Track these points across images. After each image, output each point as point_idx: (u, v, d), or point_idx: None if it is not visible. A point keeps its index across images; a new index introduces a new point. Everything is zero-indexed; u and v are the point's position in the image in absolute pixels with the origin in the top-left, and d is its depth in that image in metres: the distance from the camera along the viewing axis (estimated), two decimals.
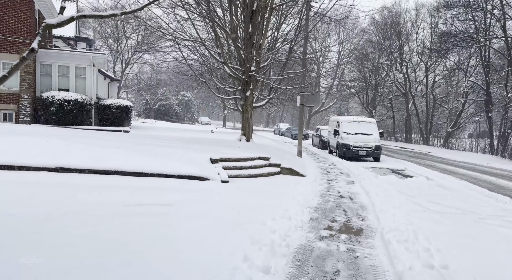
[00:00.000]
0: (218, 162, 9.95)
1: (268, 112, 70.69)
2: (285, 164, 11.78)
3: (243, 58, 14.17)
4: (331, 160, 18.66)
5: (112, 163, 8.23)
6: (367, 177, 12.45)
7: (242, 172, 10.06)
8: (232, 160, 10.52)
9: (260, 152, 12.70)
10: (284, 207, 6.64)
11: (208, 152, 10.77)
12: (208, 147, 12.20)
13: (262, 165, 10.97)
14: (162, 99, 51.84)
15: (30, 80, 17.76)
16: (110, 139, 11.88)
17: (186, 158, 9.80)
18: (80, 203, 5.54)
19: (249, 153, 11.56)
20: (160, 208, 5.73)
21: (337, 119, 21.21)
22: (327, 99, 55.45)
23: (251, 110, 14.89)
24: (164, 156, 9.65)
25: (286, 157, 14.03)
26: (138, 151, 10.00)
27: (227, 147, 12.78)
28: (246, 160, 10.87)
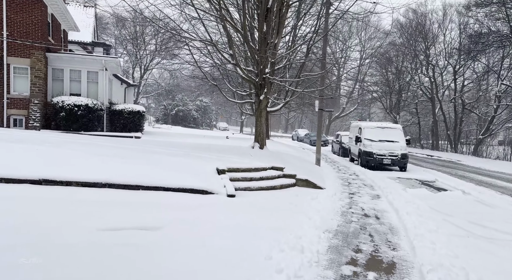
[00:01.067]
0: (225, 173, 8.90)
1: (286, 117, 69.50)
2: (301, 174, 10.61)
3: (257, 59, 13.15)
4: (352, 169, 17.32)
5: (104, 174, 7.31)
6: (394, 189, 11.12)
7: (252, 184, 8.97)
8: (241, 170, 9.46)
9: (274, 160, 11.59)
10: (297, 231, 5.50)
11: (216, 161, 9.77)
12: (218, 155, 11.21)
13: (274, 176, 9.85)
14: (180, 105, 51.50)
15: (40, 85, 17.31)
16: (113, 146, 11.05)
17: (190, 168, 8.81)
18: (45, 226, 4.59)
19: (261, 162, 10.46)
20: (143, 235, 4.71)
21: (359, 125, 19.86)
22: (347, 104, 53.84)
23: (265, 115, 13.81)
24: (166, 166, 8.70)
25: (302, 166, 12.86)
26: (139, 159, 9.10)
27: (238, 155, 11.75)
28: (257, 170, 9.78)
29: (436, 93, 35.69)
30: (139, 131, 20.45)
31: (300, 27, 14.27)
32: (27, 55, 17.15)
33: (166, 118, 52.88)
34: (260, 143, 13.70)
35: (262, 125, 13.69)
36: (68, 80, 18.91)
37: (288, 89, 14.32)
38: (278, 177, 9.99)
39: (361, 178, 14.17)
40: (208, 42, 12.16)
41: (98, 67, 19.22)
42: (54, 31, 19.86)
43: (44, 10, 17.47)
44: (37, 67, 17.22)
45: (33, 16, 17.03)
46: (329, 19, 14.11)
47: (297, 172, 10.87)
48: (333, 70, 38.37)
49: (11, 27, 16.77)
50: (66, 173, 7.07)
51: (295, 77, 14.80)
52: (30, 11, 16.97)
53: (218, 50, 12.39)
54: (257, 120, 13.74)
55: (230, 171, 9.22)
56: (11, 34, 16.76)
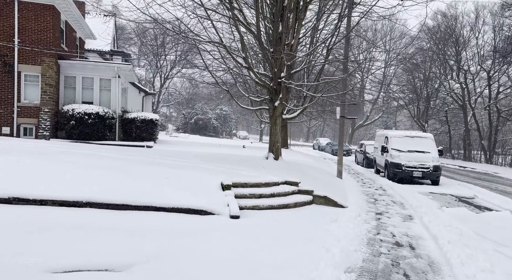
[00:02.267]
0: (230, 188, 7.75)
1: (308, 126, 67.98)
2: (319, 189, 9.31)
3: (271, 62, 12.04)
4: (378, 182, 15.80)
5: (88, 191, 6.32)
6: (428, 208, 9.64)
7: (261, 201, 7.77)
8: (249, 186, 8.27)
9: (289, 173, 10.36)
10: (309, 271, 4.25)
11: (222, 174, 8.65)
12: (227, 167, 10.09)
13: (288, 192, 8.60)
14: (199, 114, 51.03)
15: (51, 92, 16.82)
16: (115, 157, 10.14)
17: (191, 183, 7.72)
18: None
19: (274, 175, 9.25)
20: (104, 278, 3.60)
21: (385, 134, 18.31)
22: (372, 112, 51.84)
23: (281, 123, 12.62)
24: (165, 180, 7.65)
25: (321, 179, 11.54)
26: (137, 172, 8.10)
27: (250, 167, 10.59)
28: (268, 186, 8.57)
29: (468, 101, 33.47)
30: (152, 140, 19.67)
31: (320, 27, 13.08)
32: (38, 62, 16.73)
33: (185, 127, 52.51)
34: (275, 153, 12.50)
35: (277, 134, 12.50)
36: (80, 88, 18.41)
37: (306, 95, 13.08)
38: (292, 193, 8.74)
39: (389, 193, 12.69)
40: (218, 43, 11.16)
41: (111, 74, 18.65)
42: (68, 39, 19.48)
43: (56, 17, 17.06)
44: (48, 75, 16.76)
45: (45, 22, 16.63)
46: (352, 18, 12.87)
47: (315, 186, 9.59)
48: (356, 75, 36.67)
49: (22, 34, 16.40)
50: (43, 190, 6.12)
51: (314, 81, 13.54)
52: (42, 18, 16.57)
53: (229, 52, 11.37)
54: (271, 129, 12.57)
55: (236, 186, 8.06)
56: (23, 41, 16.40)
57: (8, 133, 16.39)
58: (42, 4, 16.43)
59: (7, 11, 16.13)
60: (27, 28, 16.44)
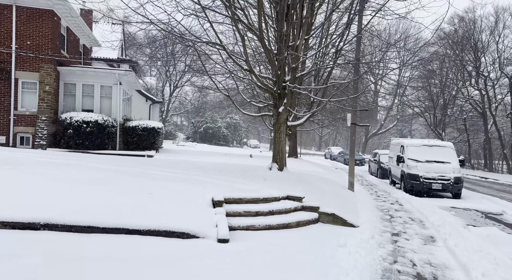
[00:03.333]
0: (222, 205, 6.72)
1: (320, 135, 66.66)
2: (327, 205, 8.20)
3: (275, 64, 11.07)
4: (394, 195, 14.54)
5: (52, 210, 5.40)
6: (453, 227, 8.42)
7: (258, 220, 6.71)
8: (244, 201, 7.22)
9: (293, 185, 9.30)
10: None
11: (216, 188, 7.65)
12: (224, 179, 9.09)
13: (290, 208, 7.52)
14: (208, 122, 50.35)
15: (49, 100, 16.19)
16: (104, 168, 9.26)
17: (177, 198, 6.74)
18: None
19: (275, 189, 8.19)
20: None
21: (401, 143, 17.06)
22: (386, 121, 50.30)
23: (285, 130, 11.58)
24: (148, 195, 6.70)
25: (331, 192, 10.42)
26: (121, 186, 7.17)
27: (251, 179, 9.56)
28: (266, 201, 7.50)
29: (488, 108, 31.82)
30: (154, 149, 18.85)
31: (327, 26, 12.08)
32: (36, 69, 16.16)
33: (195, 136, 51.87)
34: (279, 163, 11.43)
35: (282, 142, 11.45)
36: (81, 95, 17.79)
37: (313, 100, 12.04)
38: (294, 210, 7.64)
39: (406, 208, 11.45)
40: (216, 44, 10.26)
41: (112, 81, 17.99)
42: (70, 45, 18.95)
43: (56, 22, 16.51)
44: (46, 82, 16.15)
45: (44, 28, 16.08)
46: (364, 17, 11.86)
47: (322, 201, 8.48)
48: (370, 79, 35.34)
49: (20, 40, 15.88)
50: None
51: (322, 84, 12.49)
52: (41, 23, 16.04)
53: (229, 54, 10.44)
54: (275, 137, 11.54)
55: (229, 202, 7.02)
56: (20, 47, 15.87)
57: (4, 142, 15.78)
58: (40, 9, 15.91)
59: (5, 16, 15.65)
60: (25, 34, 15.92)
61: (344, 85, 13.36)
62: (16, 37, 15.82)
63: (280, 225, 6.85)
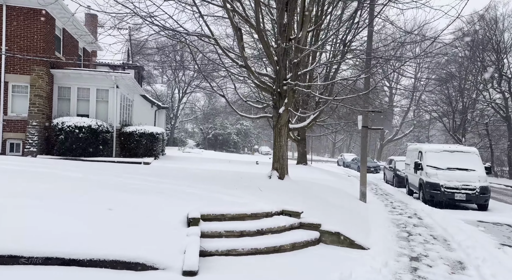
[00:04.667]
0: (197, 223, 5.45)
1: (333, 141, 64.93)
2: (331, 221, 6.84)
3: (274, 60, 9.84)
4: (411, 206, 13.00)
5: None
6: (485, 249, 6.94)
7: (242, 243, 5.41)
8: (227, 218, 5.93)
9: (293, 197, 7.98)
10: None
11: (198, 200, 6.41)
12: (213, 189, 7.83)
13: (284, 226, 6.18)
14: (217, 128, 49.35)
15: (40, 104, 15.31)
16: (76, 177, 8.15)
17: (144, 216, 5.51)
18: None
19: (269, 202, 6.88)
20: None
21: (419, 148, 15.52)
22: (402, 126, 48.32)
23: (286, 134, 10.28)
24: (104, 212, 5.49)
25: (338, 205, 9.04)
26: (79, 201, 5.98)
27: (244, 189, 8.28)
28: (255, 217, 6.19)
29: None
30: (153, 156, 17.76)
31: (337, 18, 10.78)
32: (27, 71, 15.34)
33: (205, 143, 50.89)
34: (280, 171, 10.12)
35: (283, 147, 10.15)
36: (76, 100, 16.90)
37: (318, 100, 10.71)
38: (290, 228, 6.30)
39: (426, 222, 9.95)
40: (204, 36, 9.09)
41: (108, 84, 17.07)
42: (67, 48, 18.15)
43: (49, 23, 15.71)
44: (37, 85, 15.30)
45: (36, 28, 15.27)
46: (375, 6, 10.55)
47: (326, 216, 7.14)
48: (381, 73, 33.45)
49: (10, 41, 15.11)
50: None
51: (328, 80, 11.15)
52: (33, 23, 15.24)
53: (222, 48, 9.27)
54: (275, 141, 10.25)
55: (208, 219, 5.75)
56: (10, 48, 15.09)
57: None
58: (32, 8, 15.13)
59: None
60: (15, 35, 15.15)
61: (353, 83, 12.01)
62: (6, 38, 15.06)
63: (270, 249, 5.53)
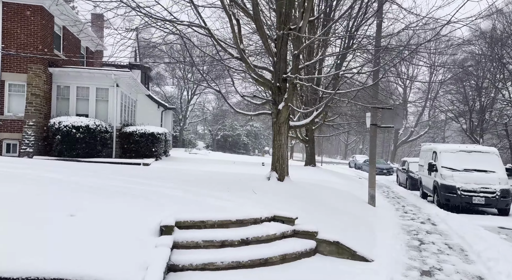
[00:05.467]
0: (171, 232, 4.71)
1: (345, 142, 63.65)
2: (330, 229, 6.01)
3: (273, 52, 9.07)
4: (425, 210, 12.02)
5: None
6: (509, 261, 6.02)
7: (222, 254, 4.64)
8: (208, 225, 5.17)
9: (291, 200, 7.19)
10: None
11: (179, 205, 5.70)
12: (201, 192, 7.10)
13: (274, 235, 5.38)
14: (225, 130, 48.75)
15: (38, 103, 14.88)
16: (57, 178, 7.54)
17: (111, 222, 4.81)
18: None
19: (260, 206, 6.11)
20: None
21: (434, 148, 14.51)
22: (417, 127, 46.85)
23: (287, 132, 9.48)
24: (64, 219, 4.82)
25: (342, 209, 8.19)
26: (38, 207, 5.34)
27: (237, 192, 7.53)
28: (242, 224, 5.40)
29: None
30: (154, 157, 17.17)
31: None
32: (24, 70, 14.95)
33: (216, 144, 50.36)
34: (279, 172, 9.31)
35: (282, 146, 9.35)
36: (75, 99, 16.45)
37: (322, 96, 9.88)
38: (282, 236, 5.50)
39: (441, 229, 9.00)
40: (195, 25, 8.39)
41: (108, 83, 16.59)
42: (68, 46, 17.73)
43: (47, 20, 15.29)
44: (34, 83, 14.87)
45: (33, 25, 14.87)
46: None
47: (327, 222, 6.33)
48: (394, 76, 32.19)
49: (7, 39, 14.74)
50: None
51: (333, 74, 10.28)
52: (30, 20, 14.85)
53: (215, 38, 8.55)
54: (274, 139, 9.46)
55: (186, 227, 5.00)
56: (7, 46, 14.71)
57: None
58: (29, 5, 14.73)
59: None
60: (12, 32, 14.77)
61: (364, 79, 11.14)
62: (3, 36, 14.69)
63: (255, 261, 4.74)
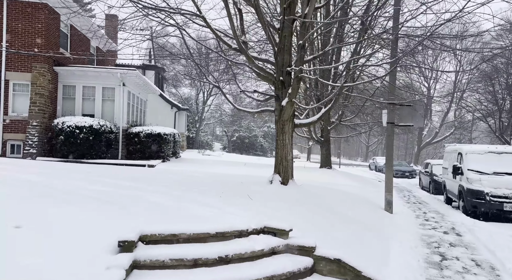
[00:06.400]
0: (132, 249, 3.90)
1: (366, 144, 61.78)
2: (331, 244, 5.08)
3: (274, 41, 8.20)
4: (449, 218, 10.82)
5: None
6: None
7: (193, 277, 3.80)
8: (182, 239, 4.30)
9: (292, 207, 6.29)
10: None
11: (159, 213, 4.94)
12: (189, 197, 6.32)
13: (261, 251, 4.47)
14: (242, 131, 48.06)
15: (42, 103, 14.54)
16: (33, 181, 6.95)
17: (61, 237, 4.08)
18: None
19: (246, 215, 5.25)
20: None
21: (459, 149, 13.22)
22: (442, 128, 44.78)
23: (291, 130, 8.57)
24: (5, 232, 4.12)
25: (352, 217, 7.21)
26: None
27: (231, 197, 6.70)
28: (223, 238, 4.50)
29: None
30: (160, 158, 16.59)
31: None
32: (28, 69, 14.65)
33: (233, 146, 49.74)
34: (283, 175, 8.41)
35: (286, 146, 8.44)
36: (81, 99, 16.08)
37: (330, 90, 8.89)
38: (271, 252, 4.60)
39: (467, 240, 7.87)
40: (189, 13, 7.62)
41: (114, 82, 16.13)
42: (76, 45, 17.40)
43: (52, 18, 14.96)
44: (38, 83, 14.54)
45: (37, 23, 14.56)
46: None
47: (330, 233, 5.40)
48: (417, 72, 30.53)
49: (11, 37, 14.47)
50: None
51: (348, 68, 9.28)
52: (34, 18, 14.55)
53: (212, 29, 7.77)
54: (277, 139, 8.57)
55: (153, 242, 4.18)
56: (11, 45, 14.46)
57: None
58: (34, 2, 14.42)
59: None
60: (16, 30, 14.49)
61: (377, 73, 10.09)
62: (7, 34, 14.44)
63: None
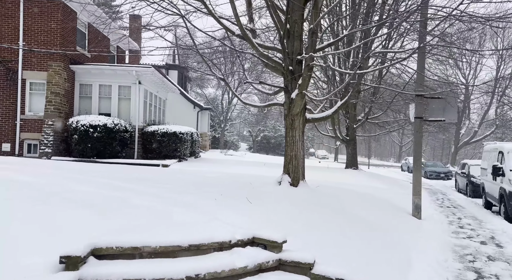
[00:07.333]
0: (77, 266, 3.20)
1: (400, 144, 59.16)
2: (335, 259, 4.16)
3: (282, 24, 7.34)
4: (487, 225, 9.48)
5: None
6: None
7: None
8: (145, 254, 3.52)
9: (297, 212, 5.43)
10: None
11: (134, 219, 4.26)
12: (182, 200, 5.63)
13: (244, 268, 3.59)
14: (267, 131, 47.29)
15: (57, 102, 14.43)
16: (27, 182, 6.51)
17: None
18: None
19: (237, 223, 4.44)
20: None
21: (500, 148, 11.77)
22: (482, 127, 41.90)
23: (302, 126, 7.66)
24: None
25: (370, 224, 6.23)
26: None
27: (230, 199, 5.94)
28: (198, 251, 3.65)
29: None
30: (176, 157, 16.12)
31: None
32: (44, 68, 14.58)
33: (258, 146, 49.02)
34: (293, 175, 7.51)
35: (296, 143, 7.55)
36: (97, 97, 15.91)
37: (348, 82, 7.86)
38: (258, 270, 3.73)
39: (509, 253, 6.65)
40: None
41: (130, 80, 15.84)
42: (94, 44, 17.28)
43: (69, 16, 14.89)
44: (54, 81, 14.44)
45: (54, 22, 14.49)
46: None
47: (337, 244, 4.50)
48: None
49: (28, 36, 14.46)
50: None
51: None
52: (51, 17, 14.49)
53: (213, 14, 7.05)
54: (287, 135, 7.70)
55: (109, 256, 3.47)
56: (28, 43, 14.44)
57: (9, 150, 14.27)
58: (50, 1, 14.36)
59: (12, 9, 14.37)
60: (33, 29, 14.45)
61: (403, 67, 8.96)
62: (24, 33, 14.43)
63: None
